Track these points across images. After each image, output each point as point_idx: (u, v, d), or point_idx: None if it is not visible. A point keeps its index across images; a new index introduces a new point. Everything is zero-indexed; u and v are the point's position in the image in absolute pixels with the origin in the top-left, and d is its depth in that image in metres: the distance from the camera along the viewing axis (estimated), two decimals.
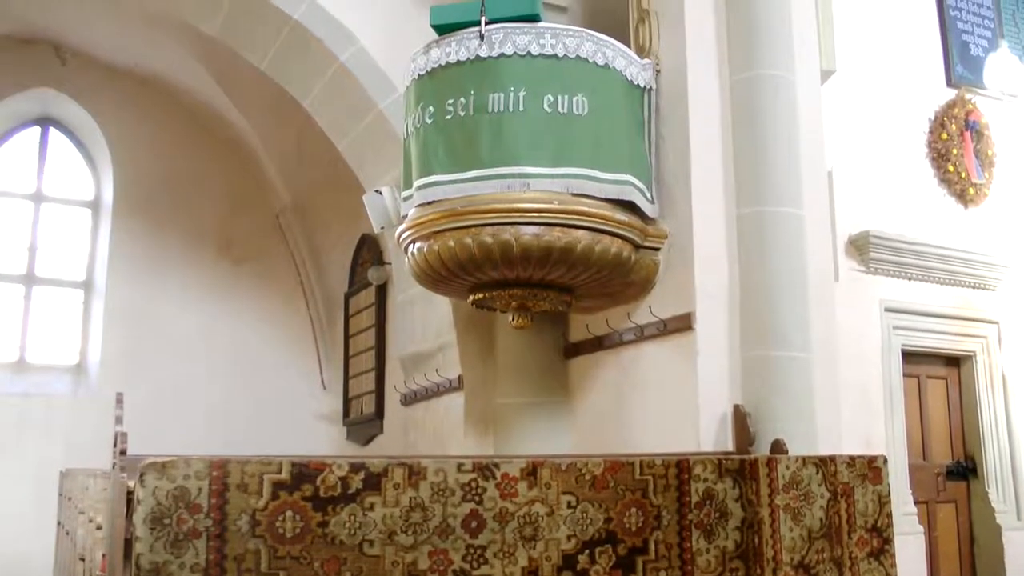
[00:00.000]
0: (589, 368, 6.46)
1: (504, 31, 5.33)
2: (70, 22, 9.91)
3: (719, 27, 5.81)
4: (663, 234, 5.69)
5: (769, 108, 5.60)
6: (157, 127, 10.87)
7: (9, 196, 10.62)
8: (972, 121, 7.82)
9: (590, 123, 5.33)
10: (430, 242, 5.42)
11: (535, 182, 5.20)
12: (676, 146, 5.70)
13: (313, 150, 9.31)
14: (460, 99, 5.29)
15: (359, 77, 7.03)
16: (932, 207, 7.55)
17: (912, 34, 7.82)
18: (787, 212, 5.50)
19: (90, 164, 11.02)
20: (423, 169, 5.44)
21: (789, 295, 5.41)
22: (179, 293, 10.75)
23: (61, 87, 10.57)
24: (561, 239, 5.23)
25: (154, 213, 10.75)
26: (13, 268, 10.49)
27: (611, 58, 5.52)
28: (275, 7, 7.01)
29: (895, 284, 7.20)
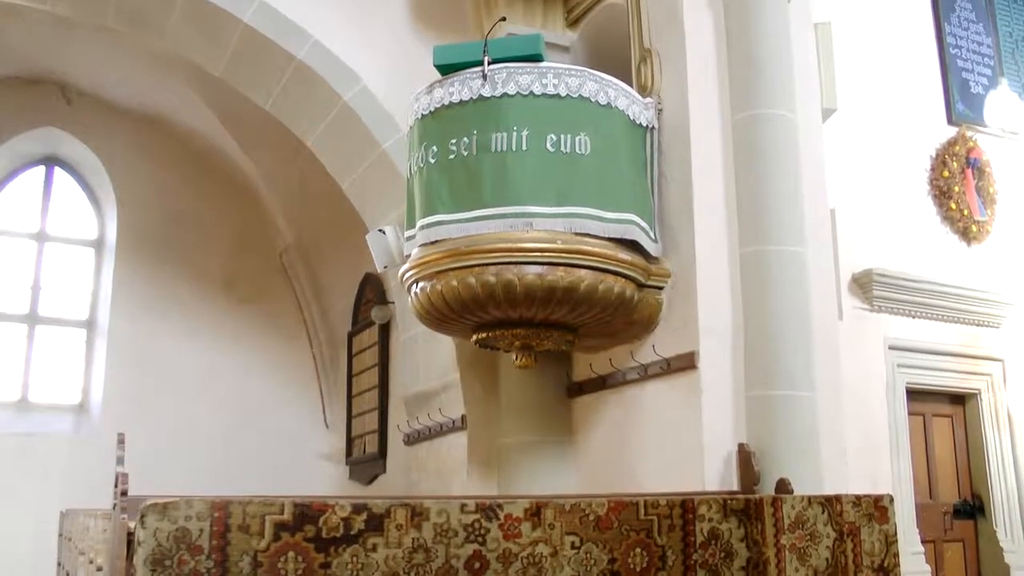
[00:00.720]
0: (593, 407, 6.43)
1: (507, 71, 5.36)
2: (76, 62, 10.00)
3: (720, 66, 5.84)
4: (666, 273, 5.69)
5: (771, 146, 5.60)
6: (161, 166, 10.91)
7: (13, 236, 10.65)
8: (973, 158, 7.84)
9: (593, 162, 5.35)
10: (433, 281, 5.42)
11: (538, 221, 5.22)
12: (679, 185, 5.71)
13: (317, 189, 9.35)
14: (463, 139, 5.32)
15: (363, 117, 7.08)
16: (935, 244, 7.55)
17: (912, 72, 7.86)
18: (790, 250, 5.49)
19: (94, 203, 11.06)
20: (426, 208, 5.45)
21: (793, 333, 5.39)
22: (182, 332, 10.74)
23: (66, 127, 10.63)
24: (564, 278, 5.23)
25: (158, 252, 10.77)
26: (16, 307, 10.50)
27: (613, 97, 5.55)
28: (280, 47, 7.08)
29: (899, 322, 7.18)
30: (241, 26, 7.05)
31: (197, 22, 7.17)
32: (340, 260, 10.39)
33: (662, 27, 6.05)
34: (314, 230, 10.68)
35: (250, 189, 10.99)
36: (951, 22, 8.15)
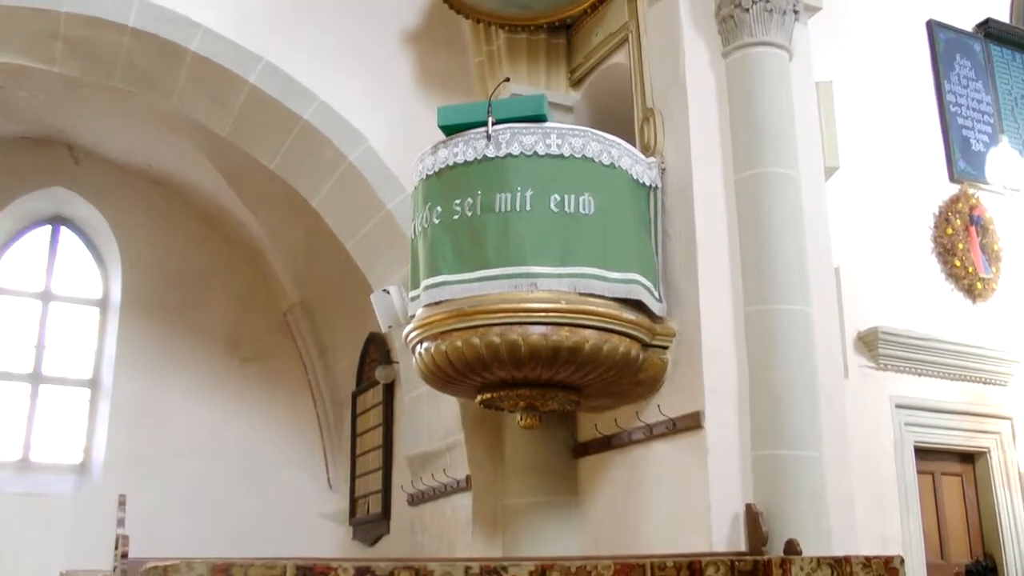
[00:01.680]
0: (598, 467, 6.39)
1: (511, 131, 5.40)
2: (84, 122, 10.10)
3: (723, 125, 5.88)
4: (671, 332, 5.68)
5: (774, 205, 5.62)
6: (167, 226, 10.98)
7: (18, 295, 10.68)
8: (976, 216, 7.85)
9: (597, 222, 5.37)
10: (437, 342, 5.42)
11: (542, 282, 5.23)
12: (683, 244, 5.73)
13: (322, 249, 9.39)
14: (467, 199, 5.35)
15: (368, 177, 7.14)
16: (940, 302, 7.53)
17: (914, 130, 7.89)
18: (794, 309, 5.48)
19: (99, 263, 11.10)
20: (430, 269, 5.46)
21: (799, 393, 5.37)
22: (186, 392, 10.73)
23: (73, 186, 10.72)
24: (569, 339, 5.23)
25: (162, 312, 10.79)
26: (20, 367, 10.50)
27: (617, 157, 5.58)
28: (285, 108, 7.15)
29: (905, 380, 7.14)
30: (247, 87, 7.13)
31: (204, 82, 7.25)
32: (345, 320, 10.41)
33: (664, 87, 6.10)
34: (319, 289, 10.71)
35: (255, 248, 11.03)
36: (951, 80, 8.21)
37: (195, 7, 7.00)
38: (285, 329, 11.30)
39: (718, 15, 6.03)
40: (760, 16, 5.89)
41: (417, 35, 7.54)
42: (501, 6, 6.81)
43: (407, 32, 7.53)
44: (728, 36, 5.98)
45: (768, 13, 5.89)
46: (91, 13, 6.84)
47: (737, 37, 5.93)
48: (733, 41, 5.95)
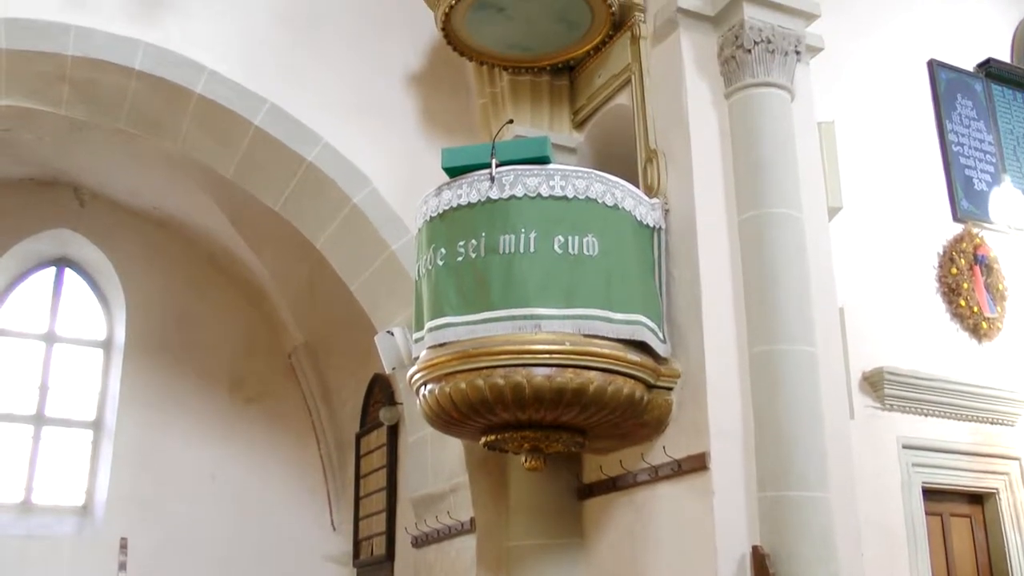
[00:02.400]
0: (603, 509, 6.34)
1: (514, 173, 5.41)
2: (89, 164, 10.16)
3: (726, 166, 5.90)
4: (676, 373, 5.66)
5: (778, 246, 5.62)
6: (171, 267, 11.01)
7: (22, 337, 10.68)
8: (981, 255, 7.84)
9: (601, 263, 5.37)
10: (442, 384, 5.41)
11: (546, 323, 5.22)
12: (687, 285, 5.72)
13: (326, 290, 9.39)
14: (471, 241, 5.35)
15: (372, 218, 7.15)
16: (946, 342, 7.50)
17: (916, 169, 7.90)
18: (799, 350, 5.46)
19: (104, 304, 11.12)
20: (434, 311, 5.46)
21: (805, 433, 5.34)
22: (189, 433, 10.71)
23: (78, 228, 10.76)
24: (573, 380, 5.21)
25: (166, 353, 10.79)
26: (23, 408, 10.48)
27: (620, 198, 5.59)
28: (290, 149, 7.18)
29: (912, 420, 7.11)
30: (252, 129, 7.16)
31: (209, 124, 7.29)
32: (349, 361, 10.39)
33: (667, 128, 6.12)
34: (323, 331, 10.70)
35: (259, 290, 11.04)
36: (952, 120, 8.23)
37: (200, 50, 7.05)
38: (289, 370, 11.29)
39: (720, 56, 6.07)
40: (762, 57, 5.93)
41: (421, 77, 7.58)
42: (504, 48, 6.85)
43: (411, 74, 7.58)
44: (730, 77, 6.01)
45: (770, 54, 5.93)
46: (98, 56, 6.88)
47: (739, 78, 5.97)
48: (735, 82, 5.98)
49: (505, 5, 6.43)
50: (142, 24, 6.98)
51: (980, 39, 8.69)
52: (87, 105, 7.33)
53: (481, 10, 6.44)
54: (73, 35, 6.82)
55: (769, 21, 5.99)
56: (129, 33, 6.93)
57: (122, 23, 6.94)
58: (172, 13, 7.07)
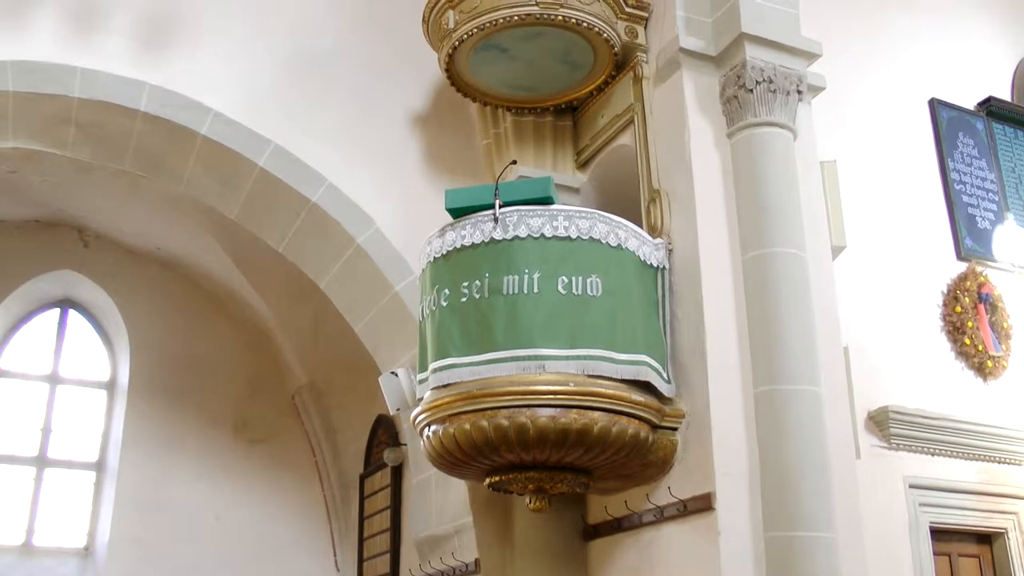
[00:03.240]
0: (609, 550, 6.29)
1: (518, 213, 5.42)
2: (94, 206, 10.19)
3: (729, 206, 5.90)
4: (680, 413, 5.64)
5: (782, 285, 5.62)
6: (175, 308, 11.01)
7: (25, 378, 10.68)
8: (985, 294, 7.82)
9: (604, 304, 5.36)
10: (445, 425, 5.39)
11: (550, 364, 5.20)
12: (691, 325, 5.71)
13: (330, 331, 9.39)
14: (475, 281, 5.35)
15: (375, 259, 7.16)
16: (951, 381, 7.47)
17: (919, 208, 7.91)
18: (804, 389, 5.44)
19: (107, 345, 11.12)
20: (438, 352, 5.45)
21: (810, 473, 5.31)
22: (192, 474, 10.67)
23: (82, 269, 10.79)
24: (578, 421, 5.19)
25: (169, 394, 10.77)
26: (25, 450, 10.45)
27: (624, 238, 5.59)
28: (294, 190, 7.21)
29: (918, 460, 7.06)
30: (256, 170, 7.20)
31: (214, 166, 7.33)
32: (353, 402, 10.37)
33: (670, 168, 6.14)
34: (327, 372, 10.69)
35: (263, 331, 11.04)
36: (954, 158, 8.25)
37: (206, 92, 7.11)
38: (293, 411, 11.26)
39: (722, 96, 6.10)
40: (764, 97, 5.95)
41: (425, 118, 7.63)
42: (508, 89, 6.90)
43: (415, 115, 7.62)
44: (732, 117, 6.04)
45: (772, 94, 5.96)
46: (103, 98, 6.95)
47: (741, 117, 5.99)
48: (737, 121, 6.00)
49: (508, 46, 6.48)
50: (147, 66, 7.04)
51: (981, 78, 8.73)
52: (92, 147, 7.38)
53: (484, 51, 6.50)
54: (79, 77, 6.88)
55: (771, 61, 6.02)
56: (134, 75, 7.00)
57: (127, 65, 7.01)
58: (177, 55, 7.13)
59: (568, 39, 6.42)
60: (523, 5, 6.20)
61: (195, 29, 7.24)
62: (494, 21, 6.24)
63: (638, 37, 6.55)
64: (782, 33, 6.11)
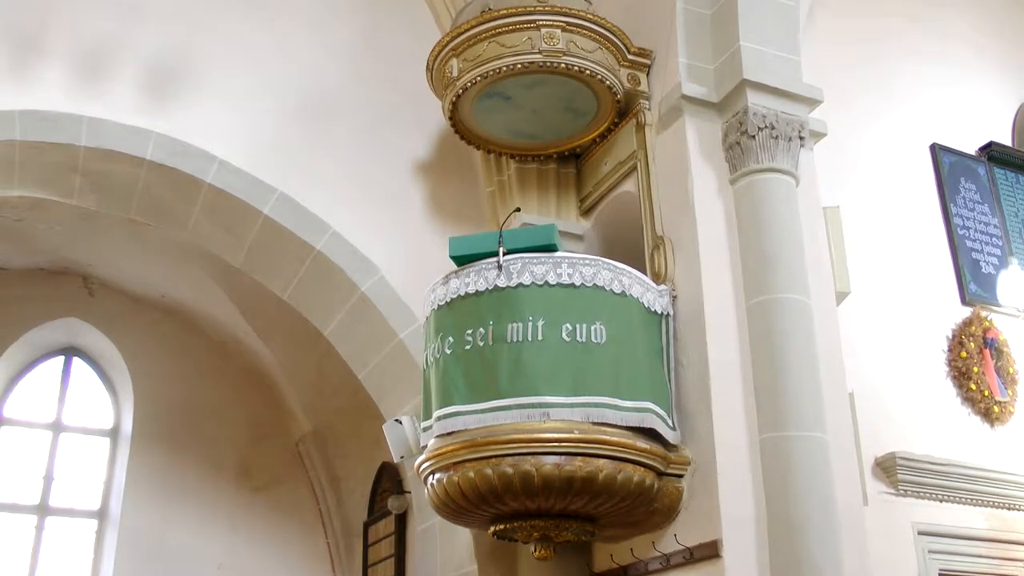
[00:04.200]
0: None
1: (522, 261, 5.44)
2: (99, 254, 10.22)
3: (733, 252, 5.90)
4: (686, 460, 5.61)
5: (786, 331, 5.60)
6: (180, 356, 11.01)
7: (28, 426, 10.65)
8: (990, 339, 7.79)
9: (609, 351, 5.36)
10: (450, 473, 5.37)
11: (555, 411, 5.19)
12: (695, 371, 5.70)
13: (334, 378, 9.39)
14: (479, 329, 5.35)
15: (380, 307, 7.18)
16: (958, 426, 7.42)
17: (923, 253, 7.90)
18: (810, 436, 5.41)
19: (111, 393, 11.11)
20: (442, 399, 5.44)
21: (818, 520, 5.26)
22: (195, 522, 10.61)
23: (87, 317, 10.80)
24: (582, 468, 5.17)
25: (173, 441, 10.74)
26: (26, 498, 10.40)
27: (628, 286, 5.60)
28: (298, 238, 7.24)
29: (927, 506, 7.00)
30: (261, 218, 7.24)
31: (219, 214, 7.37)
32: (357, 449, 10.34)
33: (674, 215, 6.15)
34: (331, 419, 10.66)
35: (267, 378, 11.03)
36: (957, 203, 8.25)
37: (211, 140, 7.16)
38: (296, 459, 11.22)
39: (725, 142, 6.12)
40: (766, 143, 5.97)
41: (429, 166, 7.67)
42: (511, 136, 6.94)
43: (419, 163, 7.67)
44: (735, 163, 6.05)
45: (774, 140, 5.98)
46: (110, 147, 7.00)
47: (744, 164, 6.00)
48: (740, 168, 6.02)
49: (512, 94, 6.53)
50: (154, 115, 7.11)
51: (981, 123, 8.75)
52: (98, 195, 7.42)
53: (488, 99, 6.55)
54: (86, 126, 6.94)
55: (772, 107, 6.05)
56: (141, 124, 7.05)
57: (134, 114, 7.07)
58: (183, 104, 7.20)
59: (571, 87, 6.47)
60: (526, 53, 6.26)
61: (201, 78, 7.31)
62: (498, 69, 6.30)
63: (640, 84, 6.60)
64: (783, 80, 6.14)
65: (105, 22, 7.17)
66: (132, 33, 7.23)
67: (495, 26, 6.32)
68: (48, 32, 7.00)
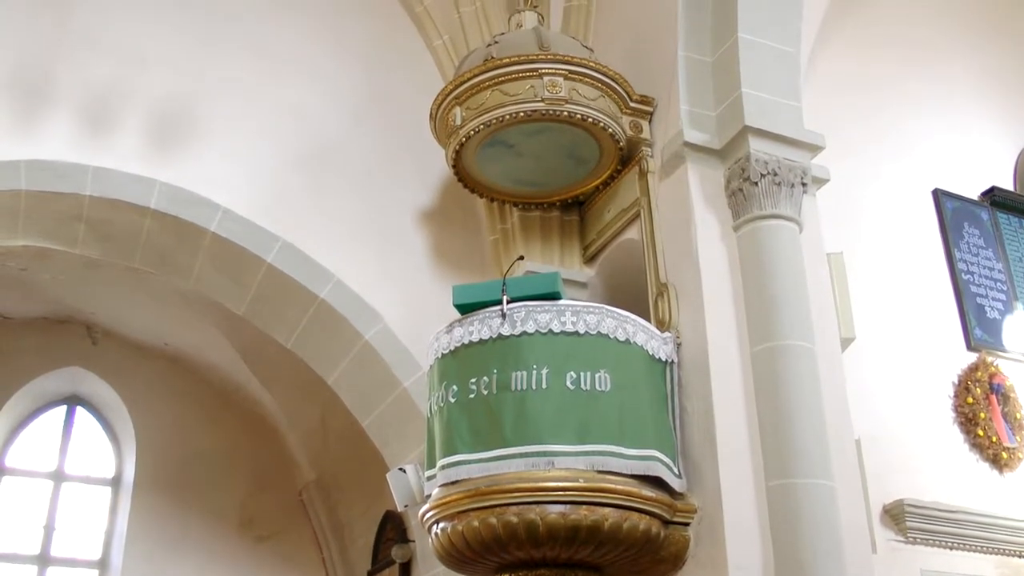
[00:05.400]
0: None
1: (525, 309, 5.41)
2: (102, 302, 10.24)
3: (737, 299, 5.87)
4: (692, 508, 5.55)
5: (791, 378, 5.57)
6: (183, 404, 10.99)
7: (30, 476, 10.60)
8: (997, 384, 7.76)
9: (613, 399, 5.33)
10: (454, 522, 5.31)
11: (560, 460, 5.14)
12: (700, 419, 5.66)
13: (337, 427, 9.35)
14: (483, 378, 5.32)
15: (383, 355, 7.17)
16: (966, 473, 7.37)
17: (928, 298, 7.89)
18: (817, 483, 5.35)
19: (113, 442, 11.08)
20: (446, 448, 5.40)
21: (826, 568, 5.19)
22: (198, 571, 10.59)
23: (90, 366, 10.80)
24: (588, 517, 5.11)
25: (175, 490, 10.69)
26: (27, 548, 10.33)
27: (632, 333, 5.57)
28: (302, 286, 7.24)
29: (936, 554, 6.94)
30: (265, 266, 7.25)
31: (222, 262, 7.37)
32: (360, 498, 10.27)
33: (677, 262, 6.14)
34: (334, 467, 10.61)
35: (271, 426, 11.00)
36: (961, 248, 8.26)
37: (215, 188, 7.18)
38: (300, 507, 11.16)
39: (727, 189, 6.12)
40: (769, 189, 5.97)
41: (432, 214, 7.69)
42: (514, 184, 6.95)
43: (422, 211, 7.68)
44: (738, 210, 6.04)
45: (777, 186, 5.97)
46: (115, 196, 7.02)
47: (747, 210, 5.99)
48: (743, 214, 6.00)
49: (515, 142, 6.55)
50: (158, 164, 7.14)
51: (983, 168, 8.79)
52: (102, 244, 7.44)
53: (491, 147, 6.56)
54: (91, 175, 6.97)
55: (775, 154, 6.04)
56: (145, 173, 7.07)
57: (138, 163, 7.10)
58: (187, 153, 7.23)
59: (574, 134, 6.48)
60: (529, 101, 6.28)
61: (205, 127, 7.34)
62: (500, 117, 6.32)
63: (643, 131, 6.61)
64: (785, 126, 6.14)
65: (110, 71, 7.22)
66: (136, 82, 7.27)
67: (498, 74, 6.34)
68: (53, 82, 7.05)
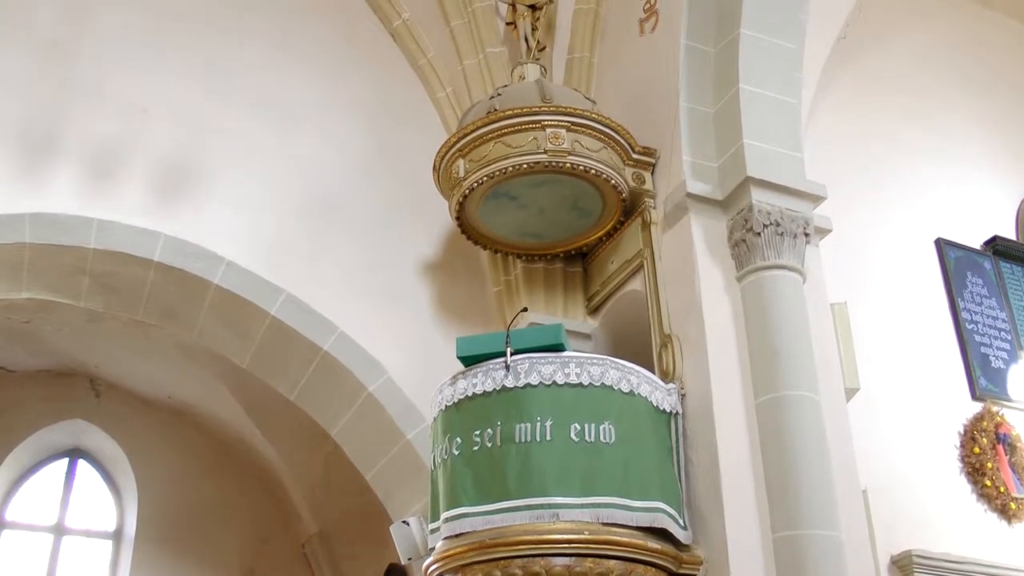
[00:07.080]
0: None
1: (529, 361, 5.41)
2: (106, 355, 10.23)
3: (740, 349, 5.87)
4: (698, 560, 5.50)
5: (796, 428, 5.55)
6: (185, 457, 10.95)
7: (30, 529, 10.54)
8: (1003, 434, 7.72)
9: (618, 451, 5.30)
10: (458, 575, 5.28)
11: (564, 512, 5.11)
12: (706, 470, 5.63)
13: (340, 479, 9.30)
14: (487, 430, 5.30)
15: (387, 407, 7.14)
16: (974, 524, 7.31)
17: (932, 348, 7.88)
18: (824, 535, 5.31)
19: (115, 494, 11.01)
20: (450, 501, 5.37)
21: None
22: None
23: (93, 419, 10.77)
24: (593, 570, 5.08)
25: (177, 544, 10.62)
26: None
27: (636, 384, 5.56)
28: (305, 338, 7.23)
29: None
30: (268, 319, 7.24)
31: (226, 315, 7.37)
32: (364, 550, 10.20)
33: (681, 313, 6.13)
34: (338, 520, 10.55)
35: (274, 479, 10.94)
36: (964, 297, 8.25)
37: (219, 241, 7.20)
38: (303, 561, 11.07)
39: (730, 240, 6.13)
40: (772, 240, 5.98)
41: (435, 266, 7.70)
42: (518, 236, 6.97)
43: (425, 263, 7.70)
44: (741, 260, 6.06)
45: (779, 237, 5.99)
46: (119, 249, 7.03)
47: (750, 261, 6.00)
48: (746, 265, 6.02)
49: (518, 194, 6.57)
50: (162, 216, 7.15)
51: (985, 218, 8.81)
52: (106, 297, 7.44)
53: (494, 199, 6.59)
54: (95, 228, 6.98)
55: (777, 204, 6.06)
56: (149, 225, 7.09)
57: (142, 216, 7.11)
58: (191, 205, 7.25)
59: (577, 186, 6.51)
60: (532, 153, 6.31)
61: (209, 179, 7.37)
62: (504, 170, 6.35)
63: (645, 183, 6.64)
64: (787, 176, 6.18)
65: (114, 124, 7.26)
66: (141, 135, 7.31)
67: (501, 127, 6.39)
68: (58, 135, 7.09)
